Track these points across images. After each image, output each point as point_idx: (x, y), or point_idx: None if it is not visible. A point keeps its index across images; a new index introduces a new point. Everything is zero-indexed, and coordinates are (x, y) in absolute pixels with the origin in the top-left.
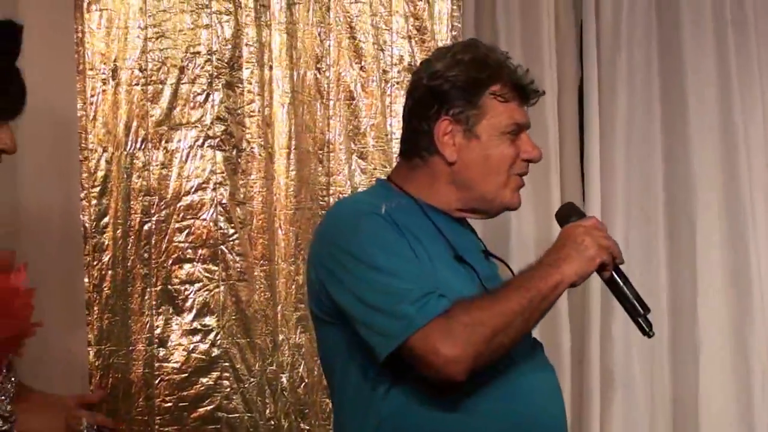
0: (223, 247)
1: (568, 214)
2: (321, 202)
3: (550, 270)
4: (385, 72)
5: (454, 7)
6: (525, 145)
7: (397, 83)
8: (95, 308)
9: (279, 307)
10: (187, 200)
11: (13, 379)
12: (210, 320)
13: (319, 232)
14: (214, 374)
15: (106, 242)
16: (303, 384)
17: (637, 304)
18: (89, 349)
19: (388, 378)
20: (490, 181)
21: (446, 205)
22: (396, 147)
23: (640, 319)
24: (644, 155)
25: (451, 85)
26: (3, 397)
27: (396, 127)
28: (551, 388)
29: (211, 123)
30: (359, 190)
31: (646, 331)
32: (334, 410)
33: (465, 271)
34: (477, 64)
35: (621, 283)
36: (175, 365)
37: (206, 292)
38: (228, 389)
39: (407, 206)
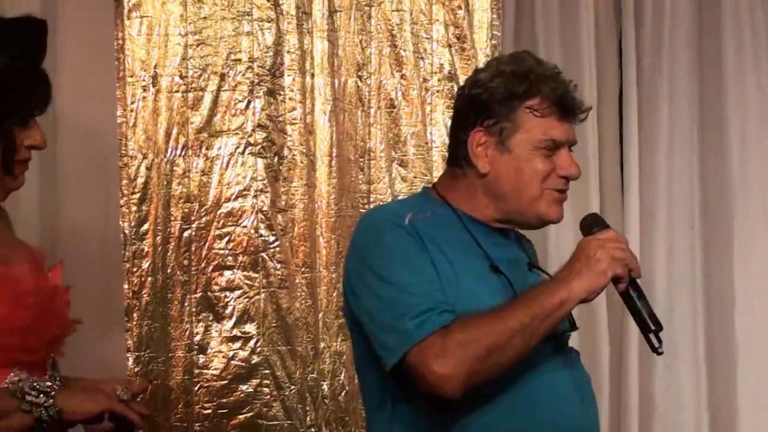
0: (263, 254)
1: (591, 225)
2: (362, 210)
3: (558, 286)
4: (425, 80)
5: (494, 16)
6: (562, 161)
7: (438, 92)
8: (134, 315)
9: (320, 315)
10: (227, 207)
11: (57, 377)
12: (250, 327)
13: (350, 242)
14: (254, 381)
15: (146, 249)
16: (344, 392)
17: (648, 320)
18: (128, 355)
19: (400, 391)
20: (522, 195)
21: (485, 216)
22: (436, 155)
23: (650, 335)
24: (685, 164)
25: (489, 96)
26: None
27: (436, 135)
28: (579, 395)
29: (252, 130)
30: (400, 197)
31: (655, 347)
32: (366, 418)
33: (500, 283)
34: (517, 77)
35: (635, 298)
36: (215, 372)
37: (246, 300)
38: (268, 396)
39: (444, 216)
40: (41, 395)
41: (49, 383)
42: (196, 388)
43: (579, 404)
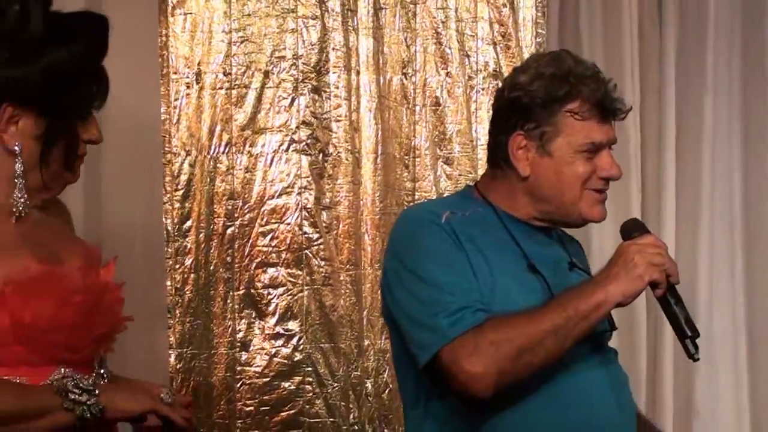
0: (307, 251)
1: (631, 229)
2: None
3: (594, 289)
4: (470, 78)
5: (539, 14)
6: (603, 162)
7: (482, 89)
8: (177, 312)
9: (365, 312)
10: (271, 204)
11: (105, 375)
12: (293, 325)
13: (388, 239)
14: (297, 378)
15: (189, 246)
16: (387, 390)
17: (685, 326)
18: (171, 352)
19: (433, 389)
20: (563, 198)
21: (525, 215)
22: (482, 153)
23: (687, 341)
24: (726, 163)
25: (529, 100)
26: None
27: (481, 133)
28: (614, 396)
29: (297, 127)
30: (444, 195)
31: (692, 353)
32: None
33: (537, 283)
34: (557, 80)
35: (672, 303)
36: (257, 369)
37: (289, 297)
38: (310, 394)
39: (483, 215)
40: (84, 393)
41: (93, 381)
42: (239, 385)
43: (614, 404)
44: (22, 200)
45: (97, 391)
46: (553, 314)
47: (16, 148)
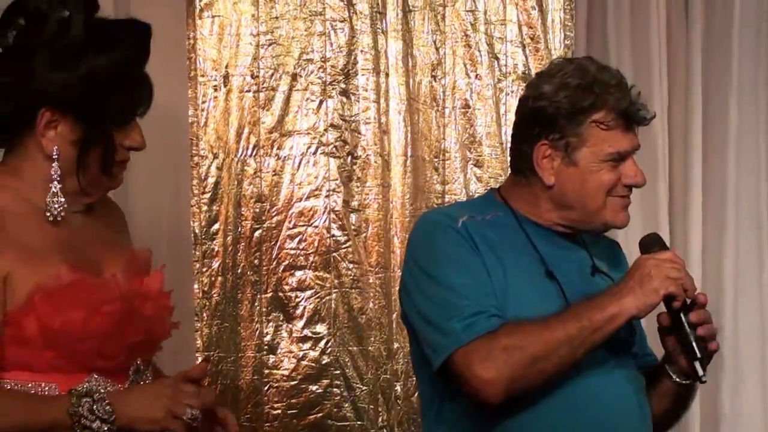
0: (335, 254)
1: (649, 244)
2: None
3: (610, 300)
4: (499, 80)
5: (567, 17)
6: (628, 170)
7: (512, 92)
8: (204, 315)
9: (394, 315)
10: (299, 207)
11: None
12: (321, 328)
13: (407, 243)
14: (325, 382)
15: (216, 248)
16: (417, 393)
17: (695, 347)
18: (198, 355)
19: (446, 391)
20: (588, 204)
21: (548, 220)
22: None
23: (696, 362)
24: (752, 164)
25: (555, 110)
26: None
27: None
28: (627, 402)
29: (325, 130)
30: (474, 197)
31: (699, 375)
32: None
33: (554, 289)
34: (582, 91)
35: (683, 321)
36: (285, 372)
37: (317, 300)
38: (338, 397)
39: (504, 219)
40: (97, 420)
41: (110, 408)
42: (266, 388)
43: (626, 410)
44: (56, 204)
45: (113, 418)
46: (568, 324)
47: (54, 152)
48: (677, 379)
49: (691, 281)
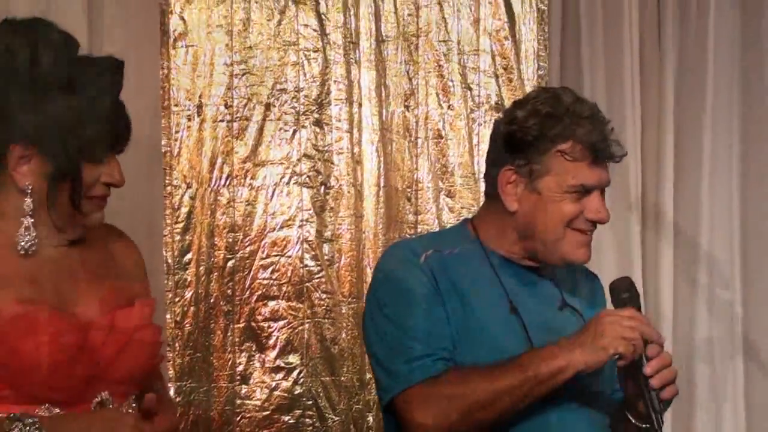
0: (308, 284)
1: (620, 290)
2: (413, 237)
3: (559, 353)
4: (472, 111)
5: (540, 47)
6: (592, 204)
7: (484, 122)
8: (177, 344)
9: None
10: (272, 237)
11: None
12: (293, 358)
13: (372, 275)
14: (297, 412)
15: (189, 278)
16: None
17: (651, 401)
18: (170, 385)
19: (395, 429)
20: (547, 235)
21: (513, 253)
22: (483, 186)
23: (651, 413)
24: (725, 189)
25: (522, 136)
26: None
27: (483, 165)
28: None
29: (298, 160)
30: (447, 227)
31: (655, 427)
32: None
33: (518, 325)
34: (551, 119)
35: (632, 380)
36: (257, 403)
37: (290, 330)
38: (310, 428)
39: (471, 252)
40: None
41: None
42: (238, 419)
43: None
44: (27, 238)
45: None
46: (512, 374)
47: (27, 186)
48: (636, 423)
49: (652, 334)
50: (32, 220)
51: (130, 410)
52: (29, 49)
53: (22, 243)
